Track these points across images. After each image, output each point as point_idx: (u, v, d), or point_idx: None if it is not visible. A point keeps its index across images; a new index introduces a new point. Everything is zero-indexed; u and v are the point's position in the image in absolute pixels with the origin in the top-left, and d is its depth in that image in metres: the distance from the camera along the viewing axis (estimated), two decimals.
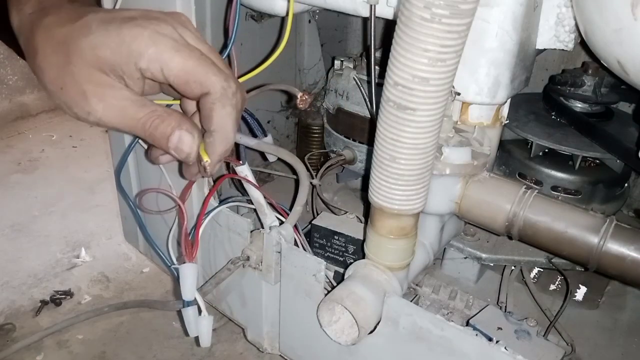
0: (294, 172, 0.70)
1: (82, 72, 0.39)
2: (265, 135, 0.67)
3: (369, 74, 0.72)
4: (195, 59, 0.40)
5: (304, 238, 0.68)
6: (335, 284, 0.63)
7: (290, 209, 0.67)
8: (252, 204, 0.68)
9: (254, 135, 0.66)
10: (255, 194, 0.67)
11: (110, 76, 0.40)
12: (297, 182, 0.70)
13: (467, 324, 0.62)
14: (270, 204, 0.68)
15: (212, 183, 0.72)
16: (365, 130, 0.80)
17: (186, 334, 0.63)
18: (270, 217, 0.67)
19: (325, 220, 0.71)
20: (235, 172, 0.67)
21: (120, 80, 0.40)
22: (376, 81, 0.65)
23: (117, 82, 0.40)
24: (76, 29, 0.40)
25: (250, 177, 0.66)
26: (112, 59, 0.39)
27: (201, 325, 0.62)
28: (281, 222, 0.67)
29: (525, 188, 0.61)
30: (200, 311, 0.62)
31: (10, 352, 0.83)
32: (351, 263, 0.62)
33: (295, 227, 0.66)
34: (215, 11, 0.77)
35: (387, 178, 0.52)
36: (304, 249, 0.66)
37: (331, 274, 0.66)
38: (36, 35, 0.41)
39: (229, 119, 0.42)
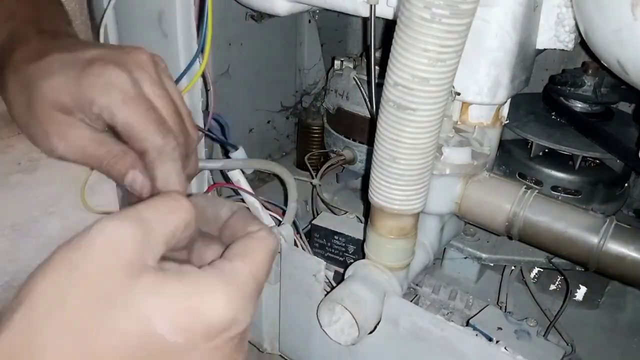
0: (294, 171, 0.71)
1: (43, 113, 0.41)
2: (236, 149, 0.67)
3: (369, 74, 0.72)
4: (138, 115, 0.41)
5: (304, 237, 0.68)
6: (335, 284, 0.63)
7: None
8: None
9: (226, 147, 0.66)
10: (250, 199, 0.67)
11: (70, 116, 0.42)
12: (297, 182, 0.70)
13: (467, 324, 0.62)
14: (266, 207, 0.68)
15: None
16: (365, 130, 0.80)
17: None
18: (266, 219, 0.67)
19: (325, 220, 0.71)
20: (227, 180, 0.67)
21: (81, 120, 0.42)
22: (376, 81, 0.65)
23: (77, 121, 0.42)
24: (39, 70, 0.42)
25: (243, 183, 0.66)
26: (71, 104, 0.41)
27: None
28: (280, 222, 0.67)
29: (525, 188, 0.61)
30: None
31: None
32: (351, 263, 0.62)
33: (295, 226, 0.66)
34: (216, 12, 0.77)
35: (387, 178, 0.52)
36: (304, 249, 0.66)
37: (331, 274, 0.66)
38: (5, 70, 0.43)
39: (170, 173, 0.42)
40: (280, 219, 0.68)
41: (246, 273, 0.29)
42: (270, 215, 0.68)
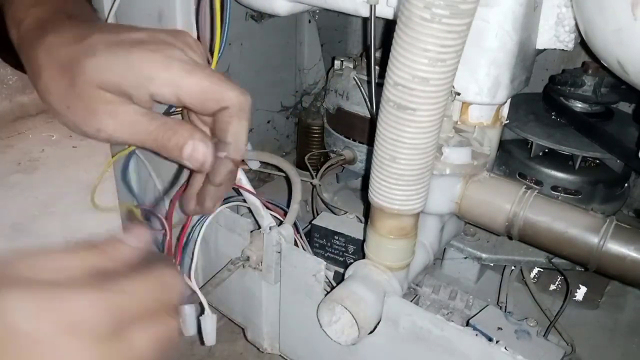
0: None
1: (89, 93, 0.40)
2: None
3: (369, 74, 0.72)
4: (209, 78, 0.41)
5: (304, 237, 0.69)
6: (335, 284, 0.63)
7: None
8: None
9: None
10: (251, 198, 0.67)
11: (117, 95, 0.40)
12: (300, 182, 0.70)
13: (467, 324, 0.62)
14: (267, 207, 0.68)
15: None
16: (365, 130, 0.80)
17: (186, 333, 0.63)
18: (267, 219, 0.67)
19: (325, 220, 0.71)
20: None
21: (127, 99, 0.41)
22: (376, 81, 0.65)
23: (125, 99, 0.41)
24: (81, 51, 0.40)
25: (245, 182, 0.66)
26: (120, 82, 0.40)
27: (206, 324, 0.62)
28: (280, 222, 0.67)
29: (525, 188, 0.61)
30: (203, 310, 0.62)
31: None
32: (351, 263, 0.62)
33: (296, 226, 0.66)
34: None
35: (387, 178, 0.52)
36: (304, 249, 0.67)
37: (331, 274, 0.66)
38: (39, 54, 0.41)
39: (243, 130, 0.43)
40: (281, 219, 0.68)
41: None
42: (271, 215, 0.68)
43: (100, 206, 0.62)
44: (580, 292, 0.77)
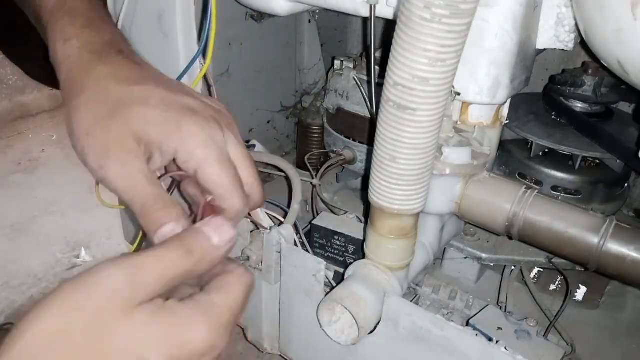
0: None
1: (118, 132, 0.40)
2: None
3: (369, 74, 0.72)
4: (228, 177, 0.43)
5: (305, 237, 0.69)
6: (335, 284, 0.63)
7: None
8: None
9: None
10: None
11: (141, 148, 0.41)
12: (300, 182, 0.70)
13: (467, 324, 0.62)
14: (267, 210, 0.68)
15: None
16: (365, 130, 0.80)
17: None
18: (265, 221, 0.67)
19: (325, 220, 0.71)
20: None
21: (146, 155, 0.41)
22: (376, 81, 0.65)
23: (142, 155, 0.41)
24: (134, 95, 0.42)
25: None
26: (157, 140, 0.41)
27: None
28: (280, 223, 0.67)
29: (525, 188, 0.61)
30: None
31: None
32: (351, 263, 0.62)
33: (296, 226, 0.66)
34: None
35: (387, 178, 0.52)
36: (306, 249, 0.66)
37: (331, 274, 0.66)
38: (85, 78, 0.42)
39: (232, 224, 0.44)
40: (281, 220, 0.68)
41: (222, 304, 0.34)
42: (271, 215, 0.68)
43: (107, 202, 0.62)
44: (580, 292, 0.77)
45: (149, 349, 0.30)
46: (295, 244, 0.66)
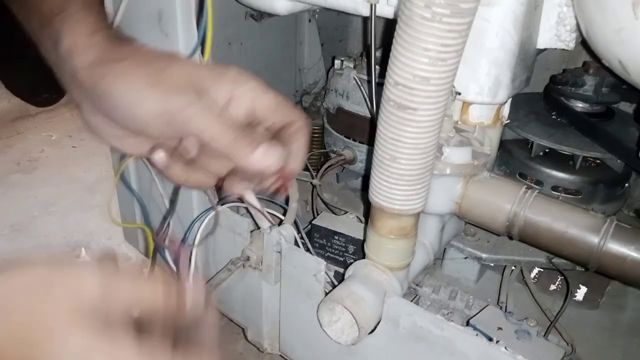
0: None
1: (180, 78, 0.42)
2: None
3: (369, 74, 0.72)
4: (280, 97, 0.44)
5: (305, 237, 0.68)
6: (335, 284, 0.63)
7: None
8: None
9: None
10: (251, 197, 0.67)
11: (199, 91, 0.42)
12: (297, 182, 0.70)
13: (467, 324, 0.62)
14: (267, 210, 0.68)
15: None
16: (366, 130, 0.80)
17: None
18: (265, 221, 0.67)
19: (325, 220, 0.70)
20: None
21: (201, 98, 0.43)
22: (376, 81, 0.65)
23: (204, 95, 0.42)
24: (177, 56, 0.45)
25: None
26: (212, 84, 0.42)
27: None
28: (280, 222, 0.67)
29: (525, 188, 0.61)
30: None
31: None
32: (351, 263, 0.62)
33: (297, 225, 0.66)
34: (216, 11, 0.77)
35: (387, 178, 0.52)
36: (307, 248, 0.66)
37: (331, 274, 0.65)
38: (122, 52, 0.43)
39: (305, 144, 0.45)
40: (281, 218, 0.68)
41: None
42: (271, 214, 0.68)
43: (117, 221, 0.63)
44: (581, 292, 0.77)
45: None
46: (297, 243, 0.66)
